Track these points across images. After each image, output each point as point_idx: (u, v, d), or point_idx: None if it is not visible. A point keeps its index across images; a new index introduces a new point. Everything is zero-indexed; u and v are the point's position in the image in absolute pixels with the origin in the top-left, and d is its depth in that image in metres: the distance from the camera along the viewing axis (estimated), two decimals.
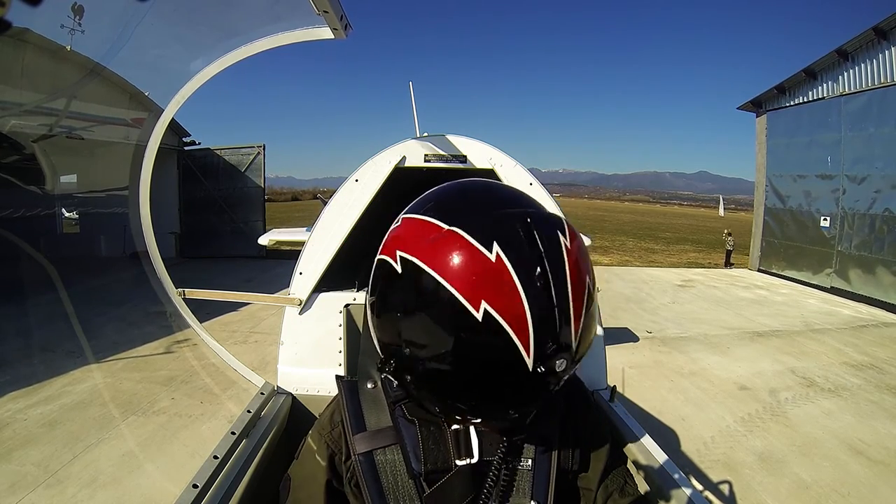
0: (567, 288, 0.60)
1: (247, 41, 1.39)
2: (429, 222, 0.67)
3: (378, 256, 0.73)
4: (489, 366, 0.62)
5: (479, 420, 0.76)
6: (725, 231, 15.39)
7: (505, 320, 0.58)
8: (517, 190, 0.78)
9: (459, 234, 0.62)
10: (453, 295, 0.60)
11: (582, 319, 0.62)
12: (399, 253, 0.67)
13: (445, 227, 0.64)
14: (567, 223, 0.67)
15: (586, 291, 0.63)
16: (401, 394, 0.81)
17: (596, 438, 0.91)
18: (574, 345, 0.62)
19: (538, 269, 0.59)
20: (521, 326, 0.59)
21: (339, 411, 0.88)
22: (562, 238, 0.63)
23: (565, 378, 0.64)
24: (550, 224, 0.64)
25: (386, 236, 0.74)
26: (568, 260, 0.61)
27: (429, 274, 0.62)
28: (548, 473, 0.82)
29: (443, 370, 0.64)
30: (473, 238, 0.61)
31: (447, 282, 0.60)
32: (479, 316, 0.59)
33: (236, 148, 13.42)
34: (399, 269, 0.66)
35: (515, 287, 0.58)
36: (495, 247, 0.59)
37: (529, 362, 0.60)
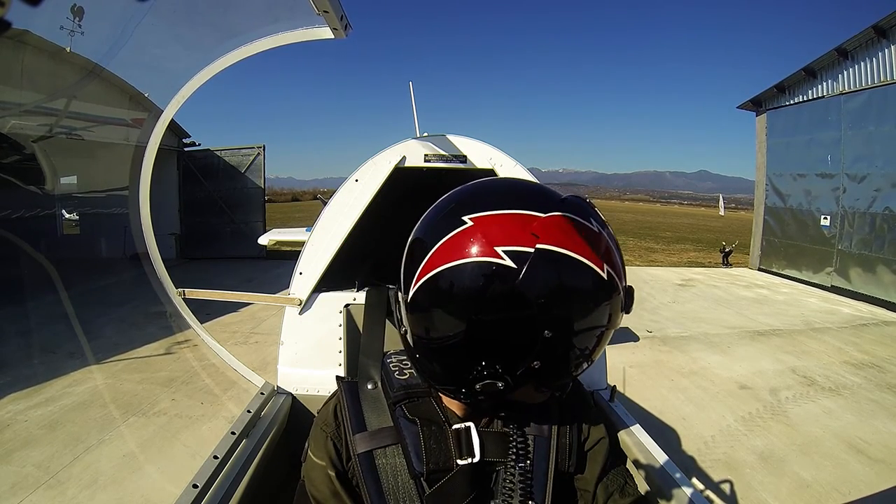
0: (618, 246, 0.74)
1: (247, 41, 1.39)
2: (519, 214, 0.70)
3: (450, 265, 0.68)
4: (610, 313, 0.72)
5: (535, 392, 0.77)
6: (732, 244, 15.19)
7: (616, 276, 0.70)
8: (531, 181, 0.86)
9: (564, 216, 0.69)
10: (588, 266, 0.67)
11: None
12: (500, 249, 0.66)
13: (542, 214, 0.69)
14: None
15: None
16: (401, 394, 0.81)
17: (594, 438, 0.90)
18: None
19: (610, 234, 0.72)
20: (620, 277, 0.71)
21: (340, 407, 0.88)
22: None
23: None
24: (590, 201, 0.76)
25: (445, 243, 0.69)
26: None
27: (557, 252, 0.67)
28: (545, 473, 0.82)
29: (578, 333, 0.71)
30: (577, 216, 0.69)
31: (579, 255, 0.67)
32: (605, 276, 0.68)
33: (236, 149, 13.42)
34: (511, 263, 0.66)
35: (612, 249, 0.71)
36: (593, 222, 0.70)
37: (623, 302, 0.72)
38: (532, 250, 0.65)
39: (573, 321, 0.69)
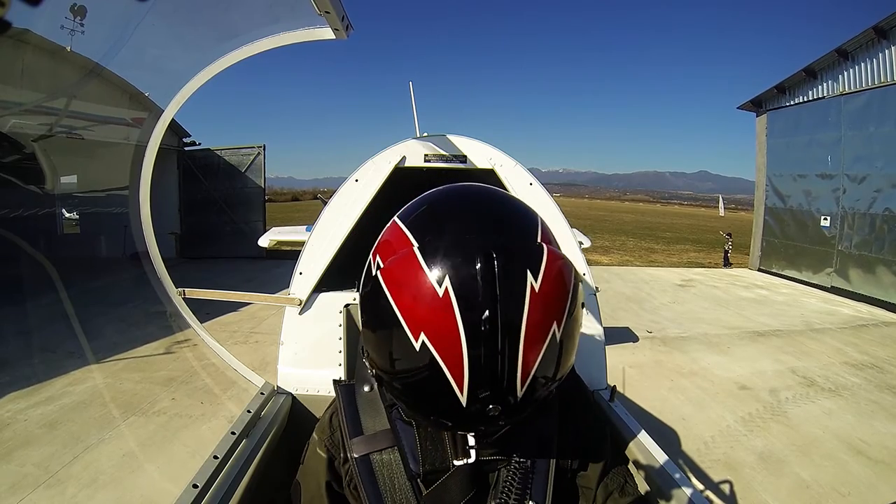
0: (520, 334, 0.57)
1: (247, 41, 1.39)
2: (403, 233, 0.66)
3: (371, 251, 0.73)
4: (424, 393, 0.63)
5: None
6: (725, 234, 15.21)
7: (441, 357, 0.57)
8: (509, 205, 0.73)
9: (417, 259, 0.60)
10: (398, 319, 0.59)
11: (536, 366, 0.59)
12: (377, 258, 0.68)
13: (413, 243, 0.63)
14: (547, 255, 0.61)
15: (549, 336, 0.59)
16: None
17: (595, 438, 0.91)
18: (518, 392, 0.59)
19: (486, 313, 0.56)
20: (457, 368, 0.58)
21: (337, 414, 0.88)
22: (530, 278, 0.58)
23: (512, 418, 0.63)
24: (519, 260, 0.59)
25: (381, 233, 0.74)
26: (530, 303, 0.57)
27: (384, 292, 0.61)
28: (546, 473, 0.82)
29: (393, 385, 0.67)
30: (428, 267, 0.59)
31: (396, 305, 0.60)
32: (416, 346, 0.58)
33: (236, 148, 13.41)
34: (374, 272, 0.66)
35: (457, 328, 0.56)
36: (446, 282, 0.57)
37: (463, 400, 0.59)
38: (380, 275, 0.64)
39: (373, 350, 0.69)
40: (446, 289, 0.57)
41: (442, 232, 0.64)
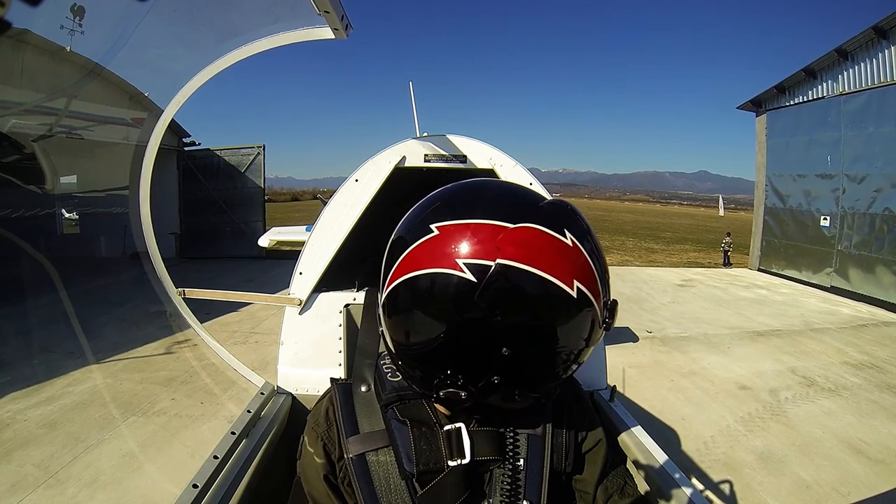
0: (602, 257, 0.71)
1: (247, 41, 1.39)
2: (486, 224, 0.67)
3: (414, 274, 0.68)
4: (580, 332, 0.70)
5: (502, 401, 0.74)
6: (725, 235, 15.20)
7: (590, 293, 0.67)
8: (514, 183, 0.82)
9: (533, 227, 0.66)
10: (550, 281, 0.64)
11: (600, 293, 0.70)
12: (462, 262, 0.65)
13: (511, 225, 0.66)
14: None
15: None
16: (393, 396, 0.82)
17: (593, 439, 0.90)
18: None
19: (592, 245, 0.68)
20: (596, 294, 0.68)
21: (333, 409, 0.88)
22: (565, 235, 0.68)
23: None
24: (573, 209, 0.71)
25: (412, 251, 0.70)
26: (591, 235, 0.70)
27: (518, 268, 0.64)
28: (540, 473, 0.82)
29: (540, 351, 0.70)
30: (549, 228, 0.66)
31: (541, 271, 0.64)
32: (574, 294, 0.65)
33: (236, 148, 13.42)
34: (471, 277, 0.64)
35: (589, 263, 0.67)
36: (567, 233, 0.67)
37: (600, 319, 0.70)
38: (493, 264, 0.63)
39: (534, 339, 0.67)
40: (571, 239, 0.67)
41: (521, 206, 0.71)
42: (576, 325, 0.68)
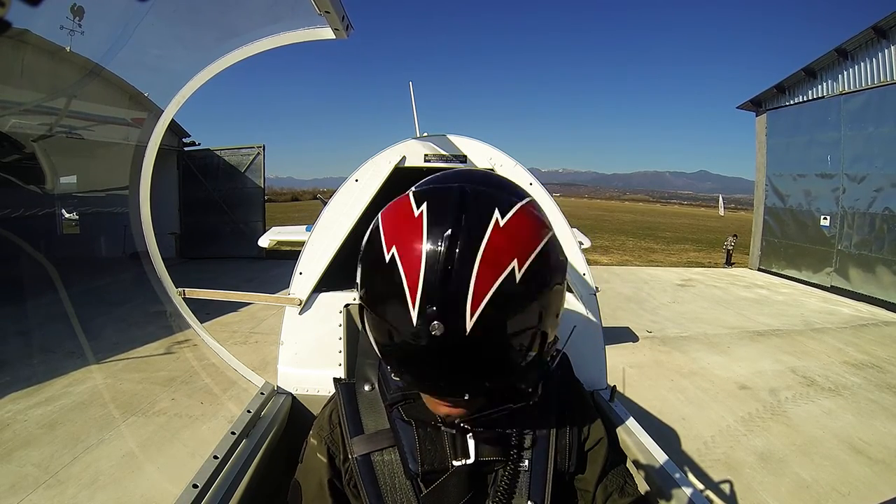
0: (476, 259, 0.59)
1: (247, 41, 1.39)
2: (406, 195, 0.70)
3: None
4: (386, 309, 0.65)
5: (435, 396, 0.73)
6: (731, 236, 15.18)
7: (403, 266, 0.61)
8: (499, 177, 0.75)
9: (406, 196, 0.67)
10: (380, 236, 0.65)
11: (486, 299, 0.58)
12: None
13: (409, 192, 0.69)
14: (521, 207, 0.64)
15: (507, 271, 0.59)
16: (398, 395, 0.82)
17: (594, 439, 0.91)
18: (466, 318, 0.58)
19: (449, 231, 0.59)
20: (414, 277, 0.60)
21: (336, 412, 0.88)
22: (496, 215, 0.61)
23: (457, 349, 0.61)
24: (487, 199, 0.64)
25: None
26: (491, 235, 0.60)
27: (377, 225, 0.68)
28: (544, 473, 0.82)
29: (372, 319, 0.68)
30: (413, 198, 0.66)
31: (382, 230, 0.66)
32: (386, 258, 0.62)
33: (236, 148, 13.41)
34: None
35: (421, 239, 0.60)
36: (423, 206, 0.63)
37: (413, 315, 0.60)
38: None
39: (365, 288, 0.69)
40: (421, 212, 0.63)
41: (435, 182, 0.70)
42: (383, 287, 0.64)
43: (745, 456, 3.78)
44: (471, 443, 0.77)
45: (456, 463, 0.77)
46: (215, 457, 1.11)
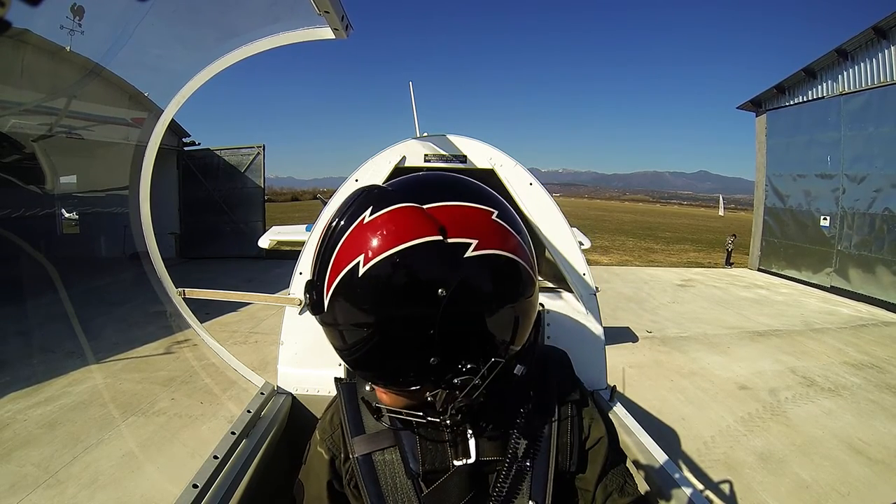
0: (334, 251, 0.67)
1: (247, 41, 1.39)
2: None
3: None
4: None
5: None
6: (731, 236, 15.22)
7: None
8: (453, 180, 0.76)
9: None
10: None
11: (333, 287, 0.67)
12: None
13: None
14: (402, 210, 0.66)
15: (347, 268, 0.65)
16: None
17: (594, 438, 0.91)
18: (324, 292, 0.68)
19: (334, 222, 0.69)
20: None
21: (338, 413, 0.88)
22: (367, 212, 0.66)
23: (319, 314, 0.72)
24: (373, 197, 0.69)
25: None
26: (352, 231, 0.66)
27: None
28: (545, 473, 0.82)
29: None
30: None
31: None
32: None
33: (236, 148, 13.41)
34: None
35: (327, 223, 0.71)
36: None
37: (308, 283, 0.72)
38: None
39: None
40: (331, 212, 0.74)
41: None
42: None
43: (744, 456, 3.78)
44: (472, 442, 0.77)
45: (457, 462, 0.77)
46: (215, 457, 1.11)
